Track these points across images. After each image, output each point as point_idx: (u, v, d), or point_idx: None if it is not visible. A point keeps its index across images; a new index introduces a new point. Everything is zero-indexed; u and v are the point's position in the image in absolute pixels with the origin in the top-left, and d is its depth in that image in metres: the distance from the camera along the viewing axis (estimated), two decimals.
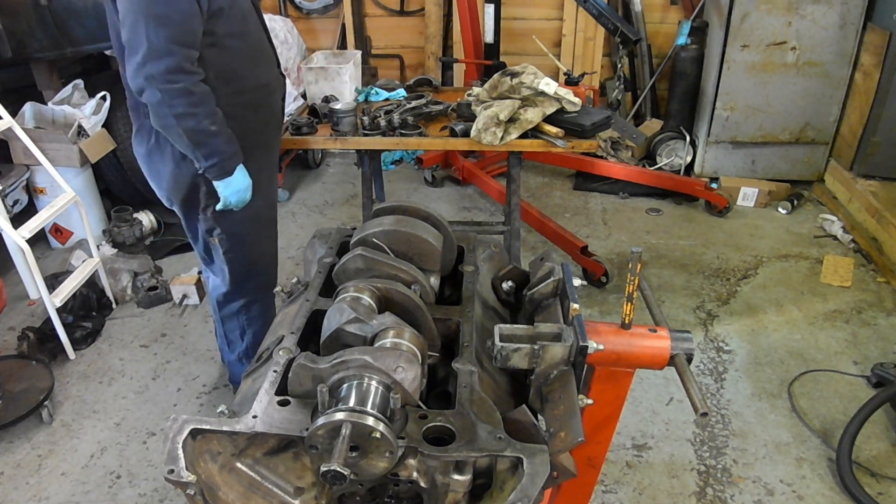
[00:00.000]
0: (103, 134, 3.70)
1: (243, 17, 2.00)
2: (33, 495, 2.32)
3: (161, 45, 1.74)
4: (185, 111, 1.81)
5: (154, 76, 1.76)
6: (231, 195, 2.04)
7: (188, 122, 1.83)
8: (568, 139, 2.62)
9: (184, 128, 1.83)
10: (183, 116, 1.81)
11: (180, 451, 1.06)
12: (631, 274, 1.26)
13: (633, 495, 2.30)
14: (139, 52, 1.76)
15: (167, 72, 1.76)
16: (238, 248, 2.26)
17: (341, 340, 1.22)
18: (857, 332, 3.10)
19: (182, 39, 1.78)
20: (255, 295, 2.41)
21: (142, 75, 1.77)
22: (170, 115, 1.81)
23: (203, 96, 1.84)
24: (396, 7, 4.99)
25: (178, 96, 1.79)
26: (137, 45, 1.76)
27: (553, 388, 1.24)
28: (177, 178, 2.09)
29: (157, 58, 1.75)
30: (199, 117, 1.84)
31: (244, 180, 2.04)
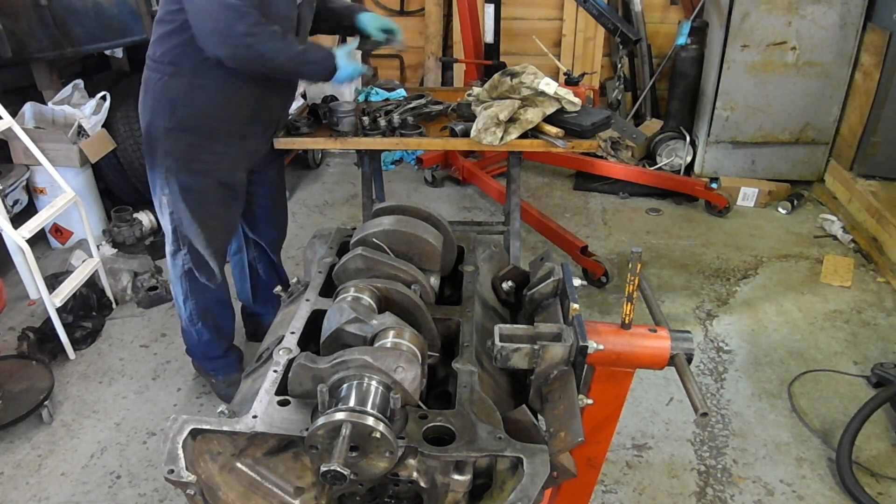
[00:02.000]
0: (103, 134, 3.69)
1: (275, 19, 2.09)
2: (33, 495, 2.32)
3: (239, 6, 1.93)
4: (277, 47, 2.02)
5: (245, 33, 1.95)
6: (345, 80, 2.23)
7: (282, 56, 2.04)
8: (568, 139, 2.62)
9: (281, 62, 2.05)
10: (279, 52, 2.03)
11: (180, 451, 1.06)
12: (631, 274, 1.26)
13: (633, 495, 2.30)
14: (220, 19, 1.93)
15: (255, 24, 1.95)
16: (182, 215, 2.33)
17: (341, 340, 1.22)
18: (857, 332, 3.10)
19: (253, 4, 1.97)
20: (195, 265, 2.46)
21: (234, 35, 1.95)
22: (268, 58, 2.02)
23: (280, 31, 2.03)
24: (396, 7, 5.00)
25: (269, 40, 2.00)
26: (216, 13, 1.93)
27: (553, 388, 1.24)
28: (147, 129, 2.24)
29: (240, 17, 1.93)
30: (286, 49, 2.05)
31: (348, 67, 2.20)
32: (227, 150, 2.30)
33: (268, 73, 2.14)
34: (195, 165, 2.26)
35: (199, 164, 2.26)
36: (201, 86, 2.15)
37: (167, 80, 2.16)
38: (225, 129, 2.26)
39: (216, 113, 2.21)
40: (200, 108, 2.19)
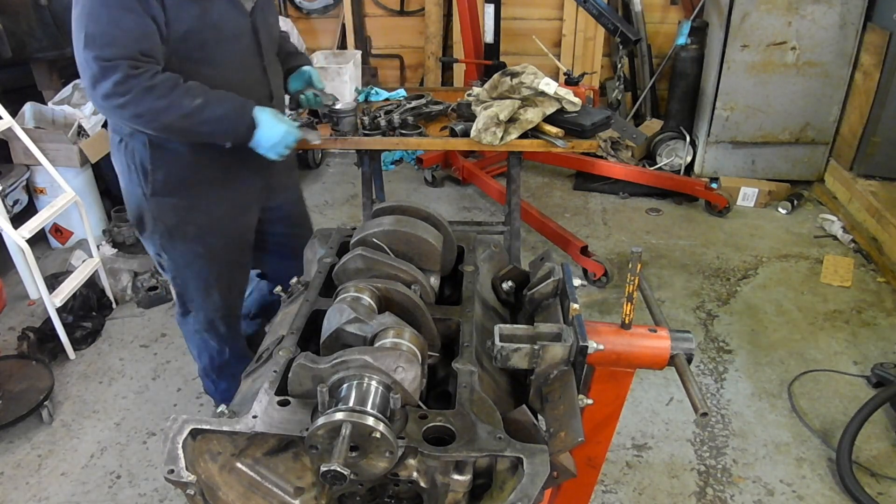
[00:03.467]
0: (103, 134, 3.70)
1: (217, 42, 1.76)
2: (33, 495, 2.32)
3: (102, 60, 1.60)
4: (157, 107, 1.64)
5: (109, 94, 1.62)
6: (269, 151, 1.83)
7: (168, 115, 1.66)
8: (568, 139, 2.62)
9: (168, 122, 1.68)
10: (160, 112, 1.65)
11: (180, 451, 1.06)
12: (631, 274, 1.26)
13: (633, 495, 2.30)
14: (85, 77, 1.64)
15: (124, 79, 1.60)
16: (186, 281, 2.10)
17: (341, 340, 1.22)
18: (857, 332, 3.10)
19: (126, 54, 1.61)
20: (207, 329, 2.24)
21: (98, 98, 1.65)
22: (148, 119, 1.68)
23: (166, 83, 1.65)
24: (396, 7, 4.99)
25: (140, 99, 1.62)
26: (82, 69, 1.64)
27: (553, 388, 1.24)
28: (127, 197, 2.00)
29: (102, 74, 1.60)
30: (176, 104, 1.66)
31: (273, 128, 1.79)
32: (219, 205, 1.99)
33: (160, 134, 1.76)
34: (189, 230, 1.98)
35: (192, 227, 1.98)
36: (164, 144, 1.84)
37: (128, 141, 1.88)
38: (208, 184, 1.94)
39: (192, 170, 1.90)
40: (173, 168, 1.89)
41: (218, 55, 1.77)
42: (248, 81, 1.89)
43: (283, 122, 1.82)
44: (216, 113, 1.71)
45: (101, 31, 1.59)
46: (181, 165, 1.88)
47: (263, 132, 1.77)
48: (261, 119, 1.77)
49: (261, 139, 1.78)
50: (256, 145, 1.80)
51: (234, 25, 1.78)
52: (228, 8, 1.76)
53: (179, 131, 1.74)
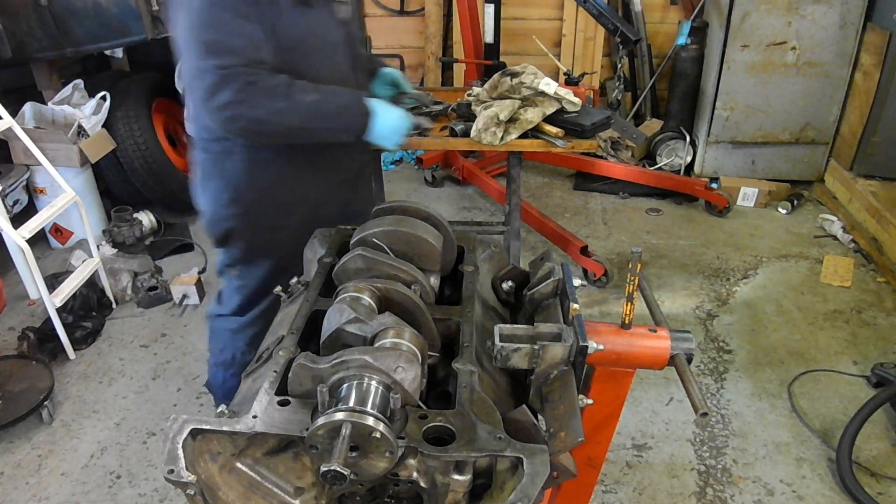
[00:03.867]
0: (103, 134, 3.70)
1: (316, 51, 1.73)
2: (33, 495, 2.32)
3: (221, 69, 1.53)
4: (277, 107, 1.59)
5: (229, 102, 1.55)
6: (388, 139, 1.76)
7: (288, 115, 1.61)
8: (568, 139, 2.62)
9: (289, 122, 1.63)
10: (280, 113, 1.60)
11: (180, 451, 1.06)
12: (631, 274, 1.26)
13: (633, 495, 2.30)
14: (199, 87, 1.57)
15: (238, 91, 1.54)
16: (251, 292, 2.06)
17: (341, 340, 1.22)
18: (857, 332, 3.10)
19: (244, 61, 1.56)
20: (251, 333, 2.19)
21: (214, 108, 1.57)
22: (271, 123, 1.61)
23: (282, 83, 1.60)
24: (396, 7, 4.99)
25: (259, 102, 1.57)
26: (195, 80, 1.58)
27: (553, 388, 1.24)
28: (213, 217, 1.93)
29: (223, 83, 1.54)
30: (293, 102, 1.60)
31: (389, 114, 1.74)
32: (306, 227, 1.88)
33: (280, 140, 1.75)
34: (272, 248, 1.94)
35: (275, 246, 1.93)
36: (262, 161, 1.79)
37: (222, 161, 1.83)
38: (298, 205, 1.89)
39: (287, 188, 1.85)
40: (267, 187, 1.85)
41: (319, 65, 1.73)
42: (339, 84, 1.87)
43: (395, 107, 1.77)
44: (335, 106, 1.68)
45: (220, 39, 1.54)
46: (277, 185, 1.84)
47: (380, 119, 1.72)
48: (375, 107, 1.72)
49: (379, 127, 1.72)
50: (375, 136, 1.73)
51: (331, 35, 1.76)
52: (327, 17, 1.74)
53: (301, 131, 1.68)
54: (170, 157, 3.98)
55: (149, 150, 3.81)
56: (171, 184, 3.94)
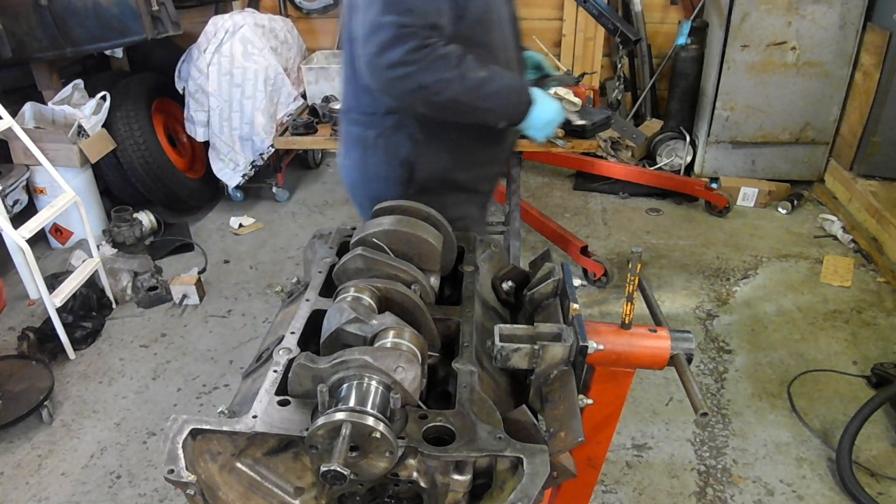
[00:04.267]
0: (103, 134, 3.70)
1: (495, 25, 1.70)
2: (33, 495, 2.32)
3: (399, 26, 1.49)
4: (445, 77, 1.53)
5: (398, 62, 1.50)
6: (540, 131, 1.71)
7: (455, 86, 1.54)
8: (568, 139, 2.62)
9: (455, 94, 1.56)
10: (449, 83, 1.53)
11: (180, 451, 1.06)
12: (631, 274, 1.26)
13: (633, 495, 2.30)
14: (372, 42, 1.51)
15: (417, 48, 1.49)
16: None
17: (341, 340, 1.22)
18: (857, 332, 3.10)
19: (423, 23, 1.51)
20: None
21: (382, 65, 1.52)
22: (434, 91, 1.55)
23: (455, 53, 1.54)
24: None
25: (429, 68, 1.51)
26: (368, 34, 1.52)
27: (553, 388, 1.24)
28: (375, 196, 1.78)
29: (397, 41, 1.49)
30: (464, 74, 1.54)
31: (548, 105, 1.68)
32: (468, 204, 1.90)
33: (435, 112, 1.65)
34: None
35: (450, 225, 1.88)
36: (436, 135, 1.72)
37: (389, 135, 1.75)
38: (464, 181, 1.83)
39: (459, 165, 1.78)
40: (442, 163, 1.78)
41: (497, 41, 1.71)
42: (512, 67, 1.82)
43: (554, 102, 1.71)
44: (501, 86, 1.61)
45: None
46: (443, 161, 1.78)
47: (539, 109, 1.66)
48: (536, 95, 1.66)
49: (535, 117, 1.66)
50: (529, 125, 1.68)
51: (502, 10, 1.73)
52: None
53: (461, 106, 1.60)
54: (170, 157, 3.98)
55: (149, 150, 3.81)
56: (171, 184, 3.94)
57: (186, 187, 4.08)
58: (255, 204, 4.43)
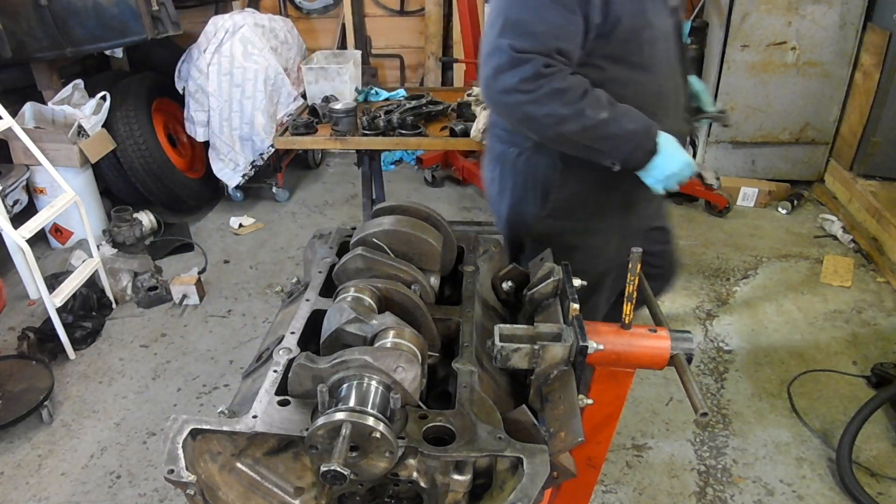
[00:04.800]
0: (103, 134, 3.70)
1: (652, 42, 1.55)
2: (33, 495, 2.32)
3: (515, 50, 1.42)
4: (563, 114, 1.45)
5: (510, 89, 1.44)
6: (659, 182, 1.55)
7: (572, 123, 1.46)
8: None
9: (570, 131, 1.47)
10: (565, 120, 1.45)
11: (180, 451, 1.06)
12: (631, 274, 1.26)
13: (633, 495, 2.30)
14: (488, 65, 1.47)
15: (525, 80, 1.43)
16: None
17: (341, 340, 1.22)
18: (857, 332, 3.10)
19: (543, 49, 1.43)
20: None
21: (495, 90, 1.47)
22: (545, 125, 1.48)
23: (577, 88, 1.45)
24: (396, 7, 4.99)
25: (547, 101, 1.43)
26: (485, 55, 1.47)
27: (553, 388, 1.24)
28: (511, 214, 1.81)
29: (512, 66, 1.43)
30: (582, 112, 1.45)
31: (674, 157, 1.52)
32: (613, 232, 1.78)
33: (545, 141, 1.58)
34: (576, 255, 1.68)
35: (580, 252, 1.72)
36: (578, 163, 1.61)
37: (529, 155, 1.69)
38: (608, 207, 1.71)
39: (597, 191, 1.68)
40: (578, 189, 1.70)
41: (652, 58, 1.56)
42: (675, 90, 1.67)
43: (683, 154, 1.54)
44: (621, 130, 1.48)
45: (522, 19, 1.43)
46: (587, 186, 1.68)
47: (662, 159, 1.51)
48: (663, 144, 1.51)
49: (657, 167, 1.52)
50: (647, 173, 1.54)
51: (662, 24, 1.55)
52: (657, 4, 1.55)
53: (571, 143, 1.52)
54: (170, 157, 3.98)
55: (149, 150, 3.82)
56: (171, 184, 3.94)
57: (186, 187, 4.08)
58: (255, 204, 4.43)
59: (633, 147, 1.50)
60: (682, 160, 1.52)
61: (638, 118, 1.51)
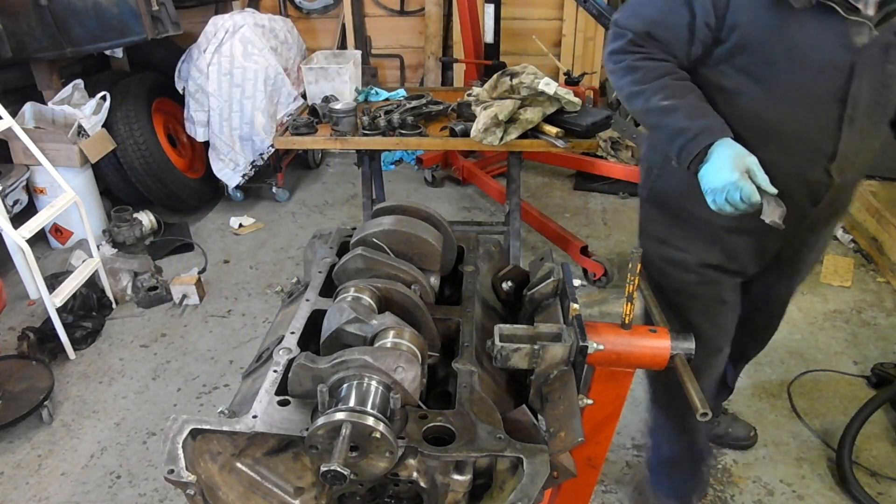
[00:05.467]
0: (103, 134, 3.70)
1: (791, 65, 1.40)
2: (33, 495, 2.32)
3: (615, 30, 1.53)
4: (631, 91, 1.50)
5: (607, 57, 1.55)
6: (707, 195, 1.43)
7: (636, 102, 1.50)
8: (568, 139, 2.62)
9: (635, 110, 1.53)
10: (631, 97, 1.51)
11: (180, 451, 1.06)
12: (631, 274, 1.26)
13: (633, 495, 2.30)
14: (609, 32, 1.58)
15: (614, 52, 1.53)
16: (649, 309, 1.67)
17: (341, 340, 1.22)
18: (857, 332, 3.10)
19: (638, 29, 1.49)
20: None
21: (605, 55, 1.58)
22: (623, 97, 1.54)
23: (652, 71, 1.47)
24: (396, 7, 4.99)
25: (622, 75, 1.51)
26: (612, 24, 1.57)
27: (553, 388, 1.24)
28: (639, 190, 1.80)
29: (613, 38, 1.54)
30: (645, 94, 1.46)
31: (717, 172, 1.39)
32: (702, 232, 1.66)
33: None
34: (668, 253, 1.71)
35: (672, 250, 1.70)
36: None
37: (650, 133, 1.75)
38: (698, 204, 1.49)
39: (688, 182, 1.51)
40: (674, 184, 1.65)
41: (783, 81, 1.41)
42: (808, 127, 1.45)
43: (734, 171, 1.36)
44: (675, 123, 1.45)
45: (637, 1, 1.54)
46: (677, 184, 1.63)
47: (708, 170, 1.41)
48: (715, 155, 1.40)
49: (703, 176, 1.43)
50: (701, 182, 1.44)
51: (823, 55, 1.37)
52: (823, 31, 1.36)
53: (643, 123, 1.63)
54: (170, 157, 3.98)
55: (149, 150, 3.82)
56: (171, 184, 3.94)
57: (186, 187, 4.08)
58: (255, 204, 4.43)
59: (681, 145, 1.45)
60: (726, 178, 1.37)
61: (698, 116, 1.44)
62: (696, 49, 1.46)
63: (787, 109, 1.44)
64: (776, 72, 1.41)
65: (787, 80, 1.41)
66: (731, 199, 1.38)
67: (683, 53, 1.48)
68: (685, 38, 1.45)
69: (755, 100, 1.45)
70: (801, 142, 1.47)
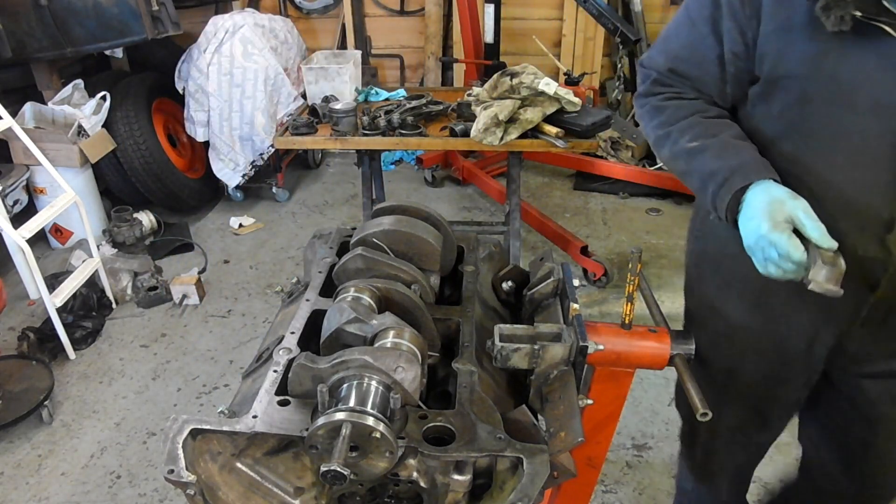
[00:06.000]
0: (103, 134, 3.70)
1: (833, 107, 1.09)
2: (33, 495, 2.32)
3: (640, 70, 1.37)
4: (657, 135, 1.30)
5: (635, 101, 1.39)
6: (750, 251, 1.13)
7: (664, 147, 1.28)
8: (568, 139, 2.62)
9: (664, 157, 1.31)
10: (658, 141, 1.30)
11: (180, 451, 1.06)
12: (631, 274, 1.26)
13: (633, 495, 2.30)
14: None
15: (639, 95, 1.37)
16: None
17: (341, 340, 1.22)
18: None
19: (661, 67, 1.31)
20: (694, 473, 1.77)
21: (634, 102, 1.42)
22: (652, 143, 1.34)
23: (677, 110, 1.27)
24: (396, 7, 4.99)
25: (649, 119, 1.32)
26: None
27: (553, 388, 1.24)
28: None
29: (640, 81, 1.37)
30: (672, 136, 1.25)
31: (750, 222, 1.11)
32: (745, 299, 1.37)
33: None
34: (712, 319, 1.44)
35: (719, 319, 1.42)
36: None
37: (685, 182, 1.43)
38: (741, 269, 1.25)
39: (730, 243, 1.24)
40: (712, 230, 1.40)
41: (822, 125, 1.12)
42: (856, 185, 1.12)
43: (765, 220, 1.08)
44: (703, 168, 1.20)
45: (663, 36, 1.34)
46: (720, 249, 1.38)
47: (741, 222, 1.15)
48: (746, 202, 1.13)
49: (742, 228, 1.14)
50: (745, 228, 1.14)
51: (871, 91, 1.05)
52: (870, 60, 1.04)
53: (674, 173, 1.33)
54: (170, 157, 3.98)
55: (149, 150, 3.82)
56: (171, 184, 3.94)
57: (186, 187, 4.08)
58: (255, 204, 4.43)
59: (713, 192, 1.18)
60: (757, 232, 1.09)
61: (730, 156, 1.17)
62: (733, 89, 1.23)
63: (827, 161, 1.13)
64: (813, 113, 1.12)
65: (827, 125, 1.11)
66: (769, 257, 1.09)
67: (718, 93, 1.26)
68: (716, 74, 1.23)
69: (791, 151, 1.17)
70: (848, 205, 1.13)
